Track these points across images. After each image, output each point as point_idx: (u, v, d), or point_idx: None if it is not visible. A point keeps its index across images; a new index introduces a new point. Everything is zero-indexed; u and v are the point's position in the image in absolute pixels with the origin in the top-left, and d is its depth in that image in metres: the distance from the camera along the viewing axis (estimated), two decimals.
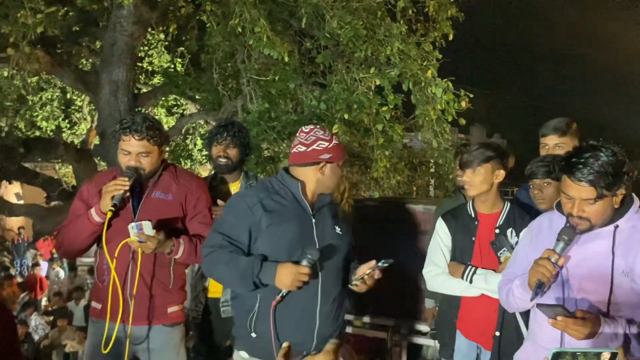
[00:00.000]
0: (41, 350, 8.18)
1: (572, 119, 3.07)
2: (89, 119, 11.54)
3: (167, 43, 9.72)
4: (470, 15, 7.03)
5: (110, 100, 6.79)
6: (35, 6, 5.77)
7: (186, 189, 2.74)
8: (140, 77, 10.19)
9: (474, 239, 2.73)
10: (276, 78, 5.72)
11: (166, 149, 2.84)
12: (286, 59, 5.37)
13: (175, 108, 11.58)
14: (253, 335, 2.33)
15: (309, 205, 2.40)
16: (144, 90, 9.32)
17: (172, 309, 2.72)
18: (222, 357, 3.33)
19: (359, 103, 5.57)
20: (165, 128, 3.00)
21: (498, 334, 2.64)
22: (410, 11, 6.68)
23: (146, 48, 10.14)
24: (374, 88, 6.19)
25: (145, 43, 9.65)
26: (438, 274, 2.81)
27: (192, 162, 11.02)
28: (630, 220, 2.02)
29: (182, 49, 8.82)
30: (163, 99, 10.33)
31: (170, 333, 2.71)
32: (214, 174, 3.37)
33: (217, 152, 3.20)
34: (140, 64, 9.89)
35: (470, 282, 2.66)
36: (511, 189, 6.21)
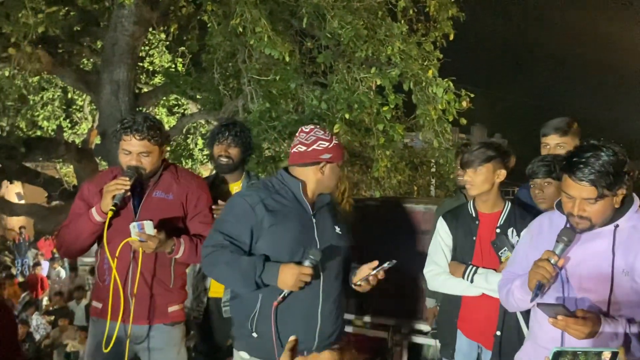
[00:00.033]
0: (42, 350, 8.18)
1: (573, 119, 3.07)
2: (90, 118, 11.54)
3: (168, 43, 9.72)
4: (471, 15, 7.03)
5: (111, 100, 6.78)
6: (36, 6, 5.77)
7: (187, 189, 2.74)
8: (141, 77, 10.19)
9: (474, 238, 2.73)
10: (277, 78, 5.72)
11: (167, 148, 2.84)
12: (287, 58, 5.37)
13: (176, 108, 11.58)
14: (254, 335, 2.33)
15: (309, 205, 2.40)
16: (145, 90, 9.32)
17: (173, 308, 2.73)
18: (223, 357, 3.34)
19: (360, 103, 5.57)
20: (166, 128, 3.01)
21: (499, 333, 2.64)
22: (411, 11, 6.68)
23: (147, 48, 10.14)
24: (374, 88, 6.19)
25: (146, 43, 9.65)
26: (439, 273, 2.81)
27: (193, 162, 11.02)
28: (630, 220, 2.02)
29: (183, 48, 8.82)
30: (164, 98, 10.33)
31: (170, 332, 2.72)
32: (216, 173, 3.36)
33: (219, 152, 3.19)
34: (141, 64, 9.89)
35: (471, 282, 2.66)
36: (512, 188, 6.21)
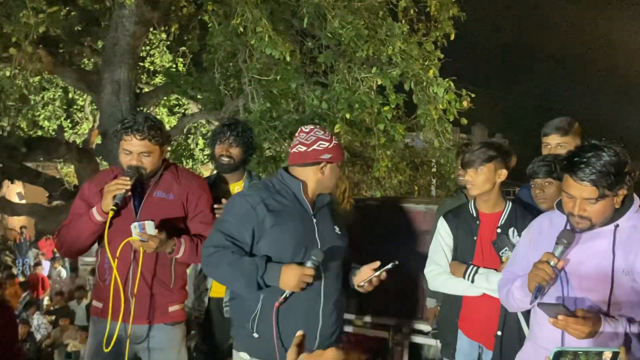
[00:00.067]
0: (43, 350, 8.19)
1: (574, 119, 3.07)
2: (90, 118, 11.55)
3: (169, 43, 9.72)
4: (471, 15, 7.02)
5: (112, 100, 6.78)
6: (37, 6, 5.77)
7: (187, 189, 2.74)
8: (142, 77, 10.19)
9: (475, 238, 2.72)
10: (278, 78, 5.72)
11: (168, 148, 2.84)
12: (288, 58, 5.37)
13: (177, 108, 11.59)
14: (255, 336, 2.32)
15: (309, 205, 2.40)
16: (146, 89, 9.32)
17: (173, 308, 2.72)
18: (224, 357, 3.34)
19: (361, 103, 5.56)
20: (166, 128, 3.00)
21: (500, 333, 2.64)
22: (411, 11, 6.68)
23: (148, 48, 10.15)
24: (375, 88, 6.19)
25: (147, 43, 9.66)
26: (439, 273, 2.81)
27: (194, 162, 11.02)
28: (630, 220, 2.02)
29: (184, 48, 8.82)
30: (165, 98, 10.34)
31: (171, 332, 2.71)
32: (217, 173, 3.35)
33: (220, 151, 3.17)
34: (142, 64, 9.90)
35: (472, 282, 2.66)
36: (513, 188, 6.20)
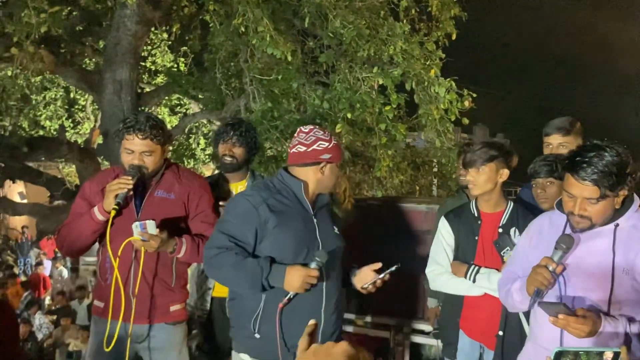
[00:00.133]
0: (45, 349, 8.21)
1: (576, 119, 3.06)
2: (92, 118, 11.54)
3: (171, 42, 9.73)
4: (473, 15, 7.02)
5: (114, 100, 6.79)
6: (38, 6, 5.76)
7: (189, 188, 2.74)
8: (144, 77, 10.18)
9: (477, 238, 2.72)
10: (279, 77, 5.72)
11: (169, 148, 2.84)
12: (289, 58, 5.36)
13: (178, 107, 11.58)
14: (257, 336, 2.32)
15: (310, 206, 2.40)
16: (147, 89, 9.32)
17: (175, 307, 2.72)
18: (227, 357, 3.34)
19: (362, 102, 5.56)
20: (168, 127, 3.00)
21: (501, 333, 2.64)
22: (413, 10, 6.68)
23: (149, 47, 10.13)
24: (376, 87, 6.19)
25: (149, 42, 9.65)
26: (441, 273, 2.81)
27: (195, 162, 11.01)
28: (630, 219, 2.02)
29: (185, 48, 8.83)
30: (166, 98, 10.33)
31: (172, 331, 2.72)
32: (220, 172, 3.34)
33: (223, 151, 3.17)
34: (144, 64, 9.89)
35: (473, 282, 2.65)
36: (514, 188, 6.20)
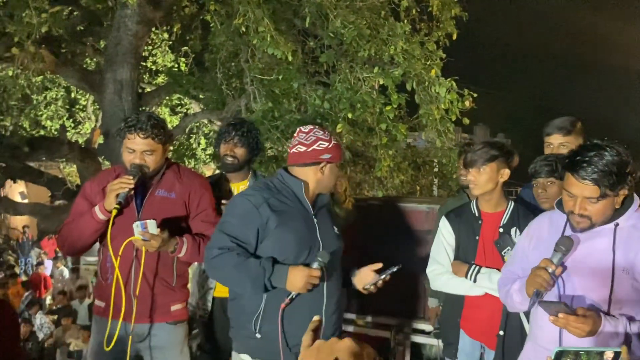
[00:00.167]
0: (45, 349, 8.21)
1: (577, 118, 3.06)
2: (93, 118, 11.54)
3: (171, 42, 9.73)
4: (474, 15, 7.02)
5: (115, 100, 6.79)
6: (39, 6, 5.77)
7: (189, 188, 2.74)
8: (144, 77, 10.18)
9: (477, 237, 2.72)
10: (280, 77, 5.72)
11: (170, 148, 2.84)
12: (290, 58, 5.36)
13: (179, 107, 11.57)
14: (257, 336, 2.32)
15: (310, 206, 2.40)
16: (148, 89, 9.32)
17: (176, 307, 2.73)
18: (228, 356, 3.34)
19: (363, 102, 5.56)
20: (169, 127, 3.00)
21: (502, 333, 2.64)
22: (414, 10, 6.67)
23: (150, 47, 10.13)
24: (377, 87, 6.19)
25: (149, 42, 9.64)
26: (442, 273, 2.81)
27: (196, 162, 11.01)
28: (630, 219, 2.02)
29: (186, 48, 8.83)
30: (167, 98, 10.33)
31: (173, 331, 2.72)
32: (222, 172, 3.34)
33: (225, 151, 3.16)
34: (144, 64, 9.88)
35: (474, 281, 2.65)
36: (515, 188, 6.20)
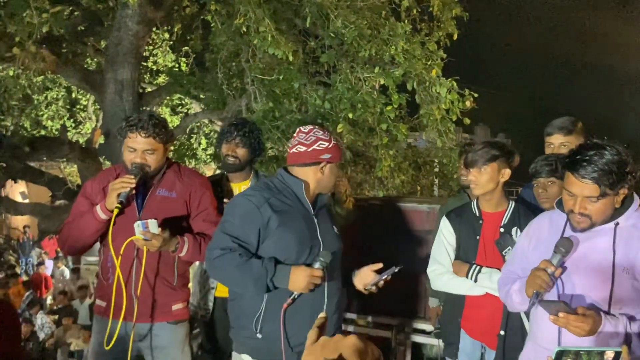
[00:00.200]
0: (46, 349, 8.22)
1: (578, 118, 3.06)
2: (94, 118, 11.54)
3: (172, 42, 9.72)
4: (474, 15, 7.01)
5: (115, 100, 6.79)
6: (40, 5, 5.76)
7: (190, 187, 2.74)
8: (145, 77, 10.17)
9: (478, 237, 2.72)
10: (280, 77, 5.72)
11: (171, 147, 2.84)
12: (290, 58, 5.36)
13: (180, 107, 11.57)
14: (258, 336, 2.32)
15: (310, 206, 2.41)
16: (149, 89, 9.31)
17: (177, 306, 2.73)
18: (229, 356, 3.34)
19: (363, 102, 5.56)
20: (169, 127, 3.00)
21: (503, 333, 2.64)
22: (414, 10, 6.66)
23: (151, 47, 10.13)
24: (378, 87, 6.18)
25: (150, 42, 9.64)
26: (442, 272, 2.81)
27: (197, 162, 11.02)
28: (630, 219, 2.02)
29: (187, 48, 8.83)
30: (168, 98, 10.34)
31: (174, 330, 2.72)
32: (223, 172, 3.34)
33: (226, 151, 3.16)
34: (145, 64, 9.88)
35: (475, 281, 2.66)
36: (516, 188, 6.19)
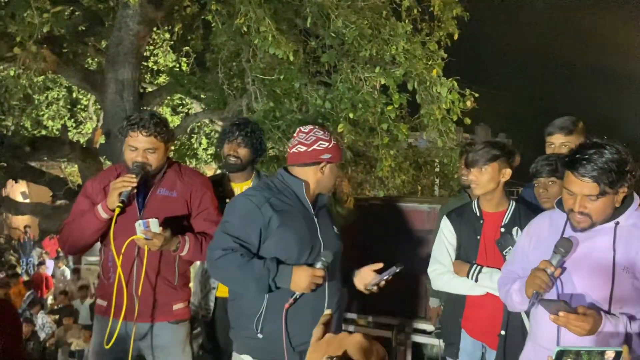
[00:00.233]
0: (47, 349, 8.22)
1: (579, 118, 3.06)
2: (94, 118, 11.55)
3: (173, 42, 9.72)
4: (475, 15, 7.01)
5: (116, 100, 6.79)
6: (41, 5, 5.77)
7: (191, 186, 2.74)
8: (146, 77, 10.18)
9: (479, 237, 2.72)
10: (281, 77, 5.72)
11: (171, 147, 2.84)
12: (291, 58, 5.36)
13: (181, 107, 11.58)
14: (259, 337, 2.32)
15: (310, 205, 2.41)
16: (150, 89, 9.32)
17: (178, 306, 2.73)
18: (230, 356, 3.34)
19: (364, 102, 5.56)
20: (170, 126, 3.00)
21: (503, 332, 2.64)
22: (415, 10, 6.66)
23: (151, 47, 10.14)
24: (379, 87, 6.18)
25: (151, 42, 9.64)
26: (443, 272, 2.81)
27: (197, 162, 11.02)
28: (630, 218, 2.02)
29: (188, 48, 8.83)
30: (168, 98, 10.34)
31: (175, 330, 2.72)
32: (224, 172, 3.34)
33: (228, 151, 3.15)
34: (146, 63, 9.89)
35: (476, 281, 2.65)
36: (516, 188, 6.19)
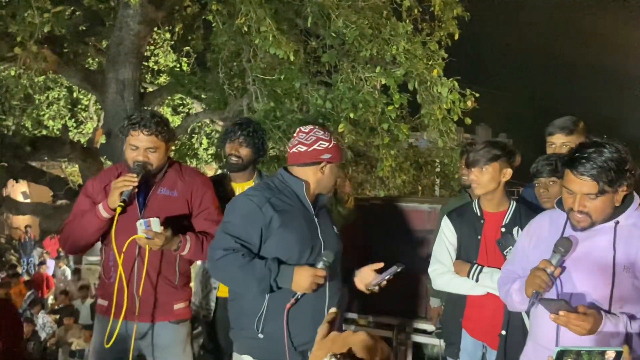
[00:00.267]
0: (48, 348, 8.23)
1: (579, 118, 3.06)
2: (95, 118, 11.56)
3: (173, 42, 9.72)
4: (476, 15, 7.01)
5: (117, 100, 6.79)
6: (42, 5, 5.77)
7: (191, 186, 2.75)
8: (147, 77, 10.18)
9: (479, 237, 2.73)
10: (282, 77, 5.72)
11: (172, 147, 2.84)
12: (292, 58, 5.36)
13: (181, 107, 11.59)
14: (260, 337, 2.32)
15: (311, 205, 2.41)
16: (150, 89, 9.32)
17: (178, 305, 2.73)
18: (230, 356, 3.34)
19: (365, 102, 5.56)
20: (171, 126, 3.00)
21: (504, 332, 2.64)
22: (415, 10, 6.66)
23: (152, 47, 10.14)
24: (379, 87, 6.18)
25: (152, 42, 9.65)
26: (444, 272, 2.81)
27: (198, 161, 11.02)
28: (630, 218, 2.02)
29: (188, 48, 8.82)
30: (169, 98, 10.34)
31: (176, 330, 2.72)
32: (225, 171, 3.35)
33: (229, 150, 3.16)
34: (147, 63, 9.89)
35: (476, 281, 2.66)
36: (517, 188, 6.19)
